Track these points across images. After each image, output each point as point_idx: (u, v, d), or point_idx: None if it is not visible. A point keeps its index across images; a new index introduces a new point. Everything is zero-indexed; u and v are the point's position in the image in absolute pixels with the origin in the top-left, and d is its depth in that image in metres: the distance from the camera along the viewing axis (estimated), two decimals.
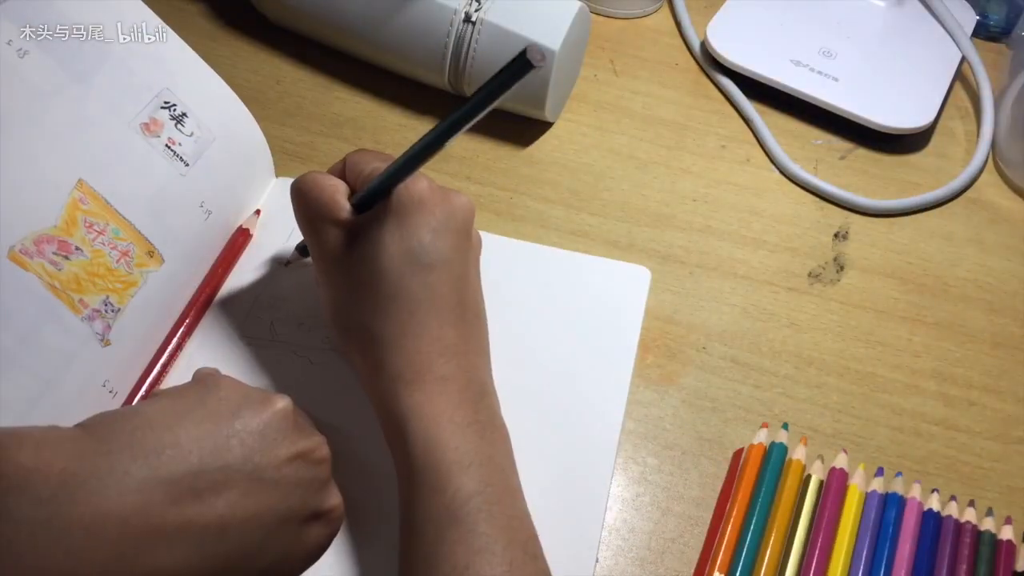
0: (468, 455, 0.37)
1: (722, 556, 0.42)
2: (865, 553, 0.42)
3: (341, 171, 0.44)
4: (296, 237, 0.51)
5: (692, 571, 0.43)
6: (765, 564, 0.42)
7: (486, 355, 0.42)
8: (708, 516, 0.45)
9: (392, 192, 0.40)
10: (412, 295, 0.39)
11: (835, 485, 0.44)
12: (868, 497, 0.44)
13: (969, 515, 0.44)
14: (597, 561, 0.43)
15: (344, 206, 0.41)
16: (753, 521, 0.43)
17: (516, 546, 0.35)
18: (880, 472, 0.46)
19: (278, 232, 0.52)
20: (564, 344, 0.49)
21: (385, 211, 0.39)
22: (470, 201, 0.41)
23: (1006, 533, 0.43)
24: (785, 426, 0.47)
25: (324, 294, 0.43)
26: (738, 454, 0.46)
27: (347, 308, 0.41)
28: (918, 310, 0.54)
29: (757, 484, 0.44)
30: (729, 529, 0.43)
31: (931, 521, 0.44)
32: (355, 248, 0.40)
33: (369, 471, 0.43)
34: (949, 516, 0.44)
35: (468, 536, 0.35)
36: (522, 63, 0.31)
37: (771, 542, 0.42)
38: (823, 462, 0.46)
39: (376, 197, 0.40)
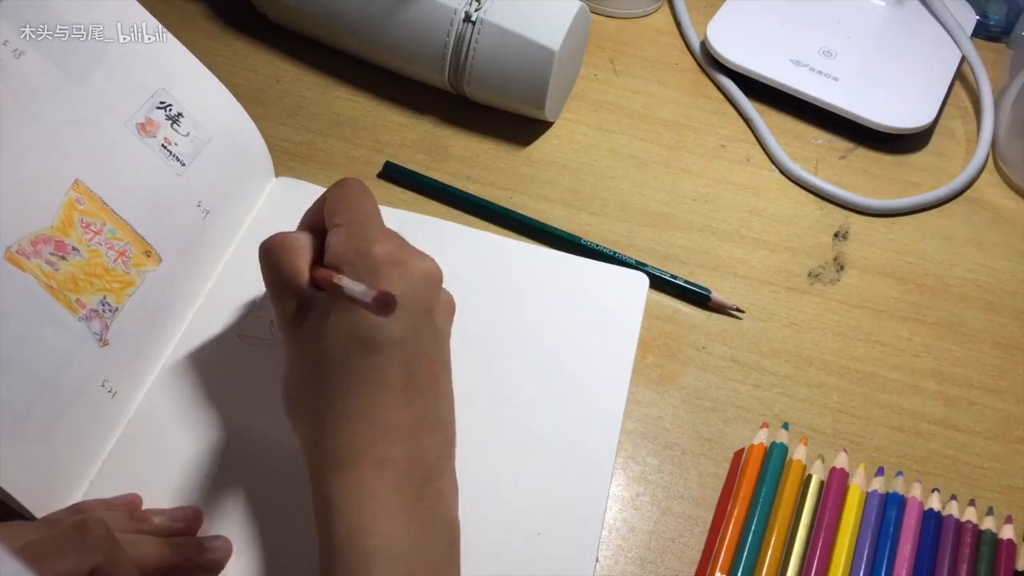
0: (396, 544, 0.34)
1: (723, 557, 0.42)
2: (866, 553, 0.42)
3: (320, 209, 0.41)
4: None
5: (692, 571, 0.43)
6: (767, 564, 0.42)
7: (442, 434, 0.39)
8: (708, 516, 0.45)
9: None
10: (355, 375, 0.36)
11: (836, 485, 0.44)
12: (869, 497, 0.44)
13: (970, 514, 0.44)
14: (597, 561, 0.43)
15: (303, 274, 0.39)
16: (754, 521, 0.43)
17: None
18: (881, 472, 0.46)
19: (278, 231, 0.51)
20: (564, 344, 0.49)
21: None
22: (435, 268, 0.39)
23: (1007, 532, 0.43)
24: (786, 426, 0.47)
25: (284, 362, 0.40)
26: (739, 454, 0.46)
27: (294, 381, 0.39)
28: (918, 310, 0.54)
29: (758, 484, 0.44)
30: (730, 529, 0.43)
31: (932, 521, 0.44)
32: (306, 320, 0.38)
33: None
34: (950, 515, 0.44)
35: None
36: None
37: (772, 542, 0.42)
38: (823, 462, 0.46)
39: (323, 285, 0.38)
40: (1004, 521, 0.44)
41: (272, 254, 0.40)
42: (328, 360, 0.37)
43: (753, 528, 0.42)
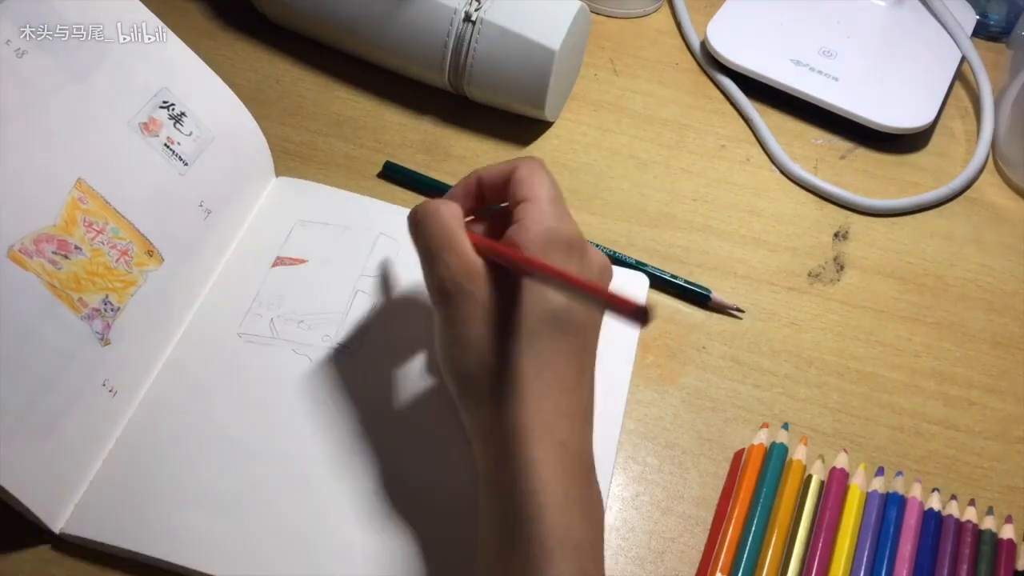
0: (573, 537, 0.34)
1: (724, 557, 0.42)
2: (866, 553, 0.42)
3: (473, 184, 0.42)
4: (295, 239, 0.51)
5: (692, 571, 0.43)
6: (767, 565, 0.42)
7: (592, 427, 0.39)
8: (708, 516, 0.45)
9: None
10: (545, 355, 0.37)
11: (836, 485, 0.44)
12: (869, 497, 0.44)
13: (970, 514, 0.44)
14: None
15: (466, 244, 0.38)
16: (755, 521, 0.43)
17: None
18: (881, 472, 0.46)
19: (278, 230, 0.52)
20: None
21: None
22: (608, 262, 0.41)
23: (1007, 532, 0.44)
24: (786, 426, 0.47)
25: (442, 332, 0.39)
26: (739, 454, 0.46)
27: (469, 352, 0.38)
28: (918, 310, 0.54)
29: (758, 484, 0.44)
30: (731, 530, 0.43)
31: (932, 520, 0.44)
32: (488, 295, 0.38)
33: (373, 468, 0.43)
34: (950, 515, 0.44)
35: None
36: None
37: (773, 542, 0.42)
38: (823, 462, 0.46)
39: (502, 262, 0.38)
40: (1004, 521, 0.44)
41: (425, 219, 0.39)
42: (516, 335, 0.37)
43: (753, 528, 0.43)
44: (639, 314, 0.31)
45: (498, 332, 0.37)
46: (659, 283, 0.52)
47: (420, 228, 0.39)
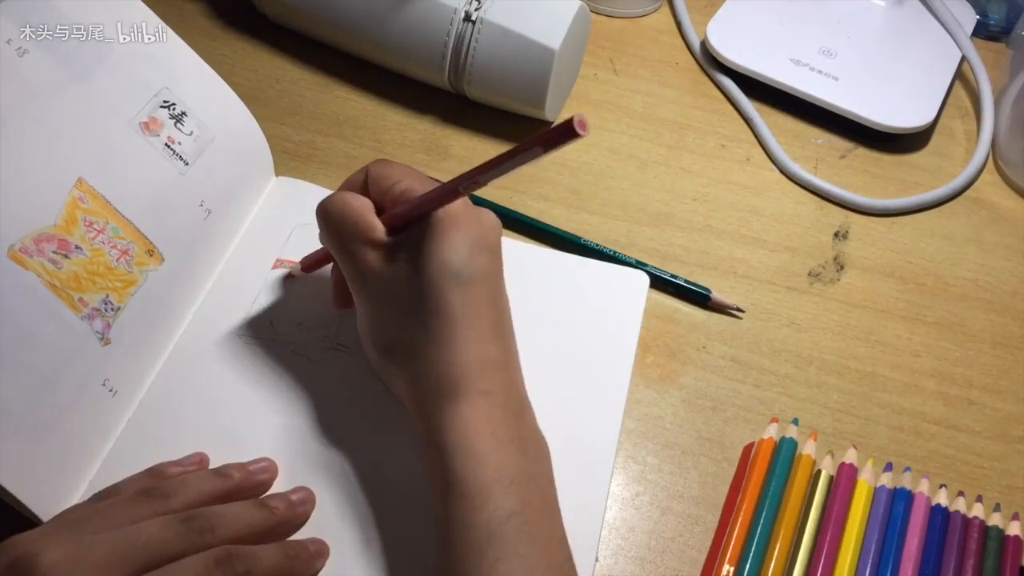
0: (508, 473, 0.36)
1: (732, 549, 0.42)
2: (874, 547, 0.43)
3: (362, 183, 0.43)
4: (295, 239, 0.51)
5: (692, 570, 0.43)
6: (775, 557, 0.42)
7: (520, 371, 0.42)
8: (708, 515, 0.45)
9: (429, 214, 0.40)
10: (454, 310, 0.38)
11: (844, 479, 0.45)
12: (877, 492, 0.44)
13: (977, 510, 0.44)
14: (597, 560, 0.43)
15: (377, 226, 0.41)
16: (763, 515, 0.43)
17: (554, 568, 0.36)
18: (889, 467, 0.46)
19: (278, 231, 0.52)
20: (564, 343, 0.49)
21: (422, 229, 0.39)
22: (497, 219, 0.42)
23: (1014, 529, 0.44)
24: (795, 421, 0.47)
25: (361, 313, 0.43)
26: (748, 448, 0.46)
27: (387, 326, 0.41)
28: (918, 309, 0.54)
29: (767, 478, 0.44)
30: (739, 522, 0.43)
31: (939, 516, 0.44)
32: (394, 267, 0.40)
33: (371, 469, 0.43)
34: (957, 511, 0.44)
35: (510, 555, 0.34)
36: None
37: (781, 535, 0.42)
38: (833, 457, 0.46)
39: (411, 219, 0.40)
40: (1011, 517, 0.44)
41: (338, 209, 0.42)
42: (427, 297, 0.39)
43: (762, 521, 0.43)
44: (569, 129, 0.32)
45: (411, 301, 0.39)
46: (659, 283, 0.52)
47: (331, 224, 0.42)
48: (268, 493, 0.42)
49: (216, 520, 0.37)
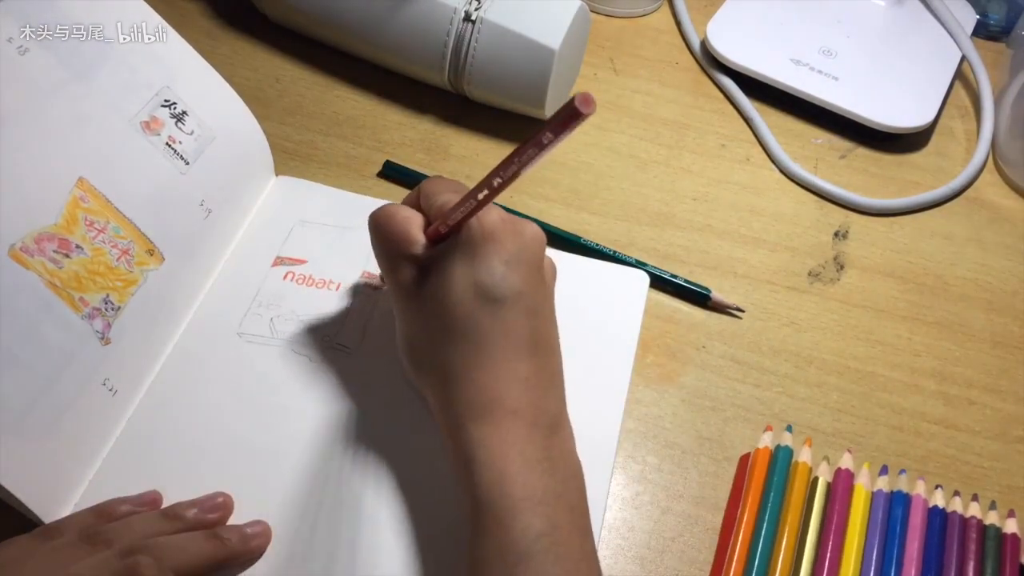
0: (536, 492, 0.36)
1: (735, 565, 0.42)
2: (875, 553, 0.42)
3: (416, 199, 0.43)
4: (295, 238, 0.51)
5: (692, 570, 0.43)
6: (779, 570, 0.42)
7: (559, 388, 0.41)
8: (708, 515, 0.45)
9: (463, 225, 0.39)
10: (482, 329, 0.38)
11: (842, 486, 0.44)
12: (874, 496, 0.44)
13: (973, 510, 0.44)
14: None
15: (418, 240, 0.40)
16: (764, 528, 0.43)
17: None
18: (884, 471, 0.46)
19: (278, 230, 0.52)
20: (564, 342, 0.48)
21: (456, 244, 0.39)
22: (540, 231, 0.41)
23: (1011, 527, 0.44)
24: (789, 428, 0.47)
25: (399, 327, 0.42)
26: (744, 459, 0.46)
27: (420, 343, 0.41)
28: (918, 309, 0.54)
29: (765, 490, 0.44)
30: (741, 537, 0.43)
31: (937, 518, 0.44)
32: (427, 282, 0.40)
33: (372, 468, 0.43)
34: (954, 512, 0.44)
35: (539, 574, 0.34)
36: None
37: (783, 547, 0.42)
38: (829, 463, 0.46)
39: (441, 234, 0.40)
40: (1007, 515, 0.44)
41: (384, 221, 0.42)
42: (455, 317, 0.38)
43: (763, 535, 0.42)
44: (572, 112, 0.31)
45: (444, 320, 0.39)
46: (659, 282, 0.52)
47: (377, 236, 0.42)
48: (225, 524, 0.41)
49: (159, 552, 0.36)
